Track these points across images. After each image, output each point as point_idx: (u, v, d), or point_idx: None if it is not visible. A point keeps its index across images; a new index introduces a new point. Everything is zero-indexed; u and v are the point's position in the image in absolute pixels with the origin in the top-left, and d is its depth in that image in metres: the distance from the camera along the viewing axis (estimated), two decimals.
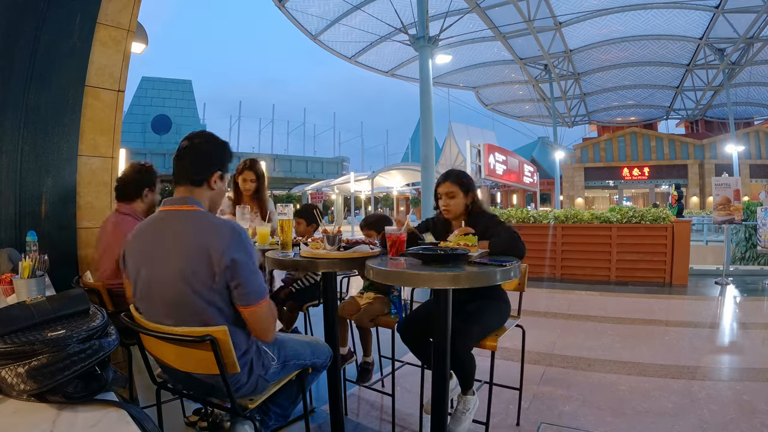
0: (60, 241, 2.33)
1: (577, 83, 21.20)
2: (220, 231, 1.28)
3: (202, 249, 1.25)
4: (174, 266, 1.27)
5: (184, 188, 1.39)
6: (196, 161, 1.40)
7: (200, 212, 1.35)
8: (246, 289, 1.29)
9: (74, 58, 2.36)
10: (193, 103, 43.44)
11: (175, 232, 1.31)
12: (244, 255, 1.28)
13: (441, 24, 9.87)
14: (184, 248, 1.27)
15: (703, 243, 9.88)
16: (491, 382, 1.98)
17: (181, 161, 1.40)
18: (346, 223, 25.58)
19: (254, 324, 1.34)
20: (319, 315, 2.08)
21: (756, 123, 25.43)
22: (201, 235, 1.28)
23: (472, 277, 1.44)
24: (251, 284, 1.30)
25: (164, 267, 1.28)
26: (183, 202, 1.35)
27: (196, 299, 1.26)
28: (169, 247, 1.30)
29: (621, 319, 4.15)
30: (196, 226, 1.30)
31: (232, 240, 1.27)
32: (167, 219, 1.35)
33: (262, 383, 1.41)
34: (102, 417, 0.82)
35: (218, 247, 1.25)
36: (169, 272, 1.27)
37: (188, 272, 1.25)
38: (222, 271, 1.25)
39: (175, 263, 1.27)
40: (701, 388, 2.55)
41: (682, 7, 14.30)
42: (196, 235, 1.28)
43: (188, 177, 1.39)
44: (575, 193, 26.58)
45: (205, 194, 1.41)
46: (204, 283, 1.25)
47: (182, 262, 1.26)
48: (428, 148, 8.44)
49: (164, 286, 1.28)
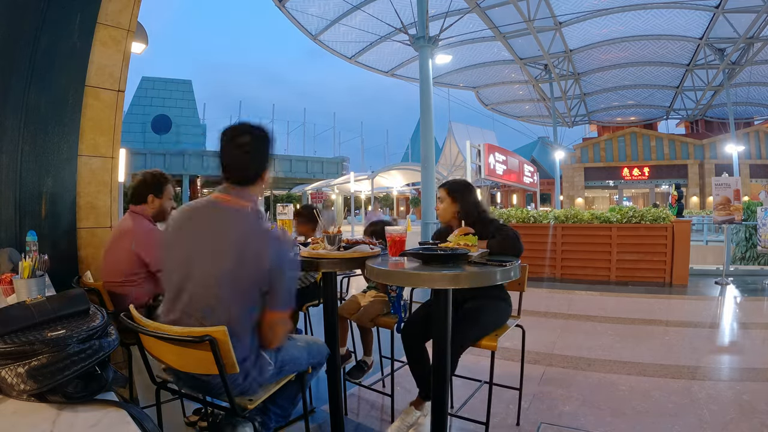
0: (60, 241, 2.33)
1: (577, 83, 21.19)
2: (263, 237, 1.31)
3: (241, 252, 1.27)
4: (208, 263, 1.28)
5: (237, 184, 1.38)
6: (252, 157, 1.38)
7: (254, 212, 1.34)
8: (281, 294, 1.33)
9: (74, 58, 2.36)
10: (193, 103, 43.39)
11: (214, 227, 1.31)
12: (286, 265, 1.33)
13: (441, 24, 9.86)
14: (222, 247, 1.28)
15: (703, 243, 9.88)
16: (491, 382, 1.98)
17: (234, 156, 1.37)
18: (346, 223, 25.57)
19: (270, 329, 1.36)
20: (319, 315, 2.08)
21: (756, 123, 25.40)
22: (242, 237, 1.29)
23: (472, 277, 1.44)
24: (286, 290, 1.34)
25: (200, 261, 1.29)
26: (240, 195, 1.35)
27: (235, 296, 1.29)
28: (207, 243, 1.30)
29: (621, 319, 4.15)
30: (239, 227, 1.31)
31: (275, 249, 1.31)
32: (220, 209, 1.34)
33: (256, 386, 1.41)
34: (102, 417, 0.82)
35: (260, 253, 1.28)
36: (214, 268, 1.28)
37: (221, 271, 1.27)
38: (260, 276, 1.29)
39: (209, 261, 1.28)
40: (701, 388, 2.55)
41: (682, 7, 14.29)
42: (237, 236, 1.29)
43: (245, 174, 1.37)
44: (575, 193, 26.57)
45: (258, 191, 1.41)
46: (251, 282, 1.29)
47: (216, 260, 1.28)
48: (428, 148, 8.44)
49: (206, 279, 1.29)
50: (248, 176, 1.37)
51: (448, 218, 2.15)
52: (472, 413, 2.12)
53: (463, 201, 2.11)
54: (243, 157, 1.37)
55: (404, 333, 2.06)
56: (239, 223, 1.32)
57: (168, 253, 1.38)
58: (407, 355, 2.03)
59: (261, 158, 1.40)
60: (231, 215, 1.33)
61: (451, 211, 2.13)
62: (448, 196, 2.14)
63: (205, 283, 1.29)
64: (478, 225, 2.02)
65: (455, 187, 2.16)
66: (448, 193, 2.14)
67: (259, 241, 1.29)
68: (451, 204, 2.13)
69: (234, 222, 1.32)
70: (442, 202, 2.16)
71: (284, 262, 1.33)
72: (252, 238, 1.29)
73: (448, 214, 2.14)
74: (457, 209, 2.11)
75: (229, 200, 1.35)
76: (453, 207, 2.12)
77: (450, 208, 2.13)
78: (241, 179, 1.37)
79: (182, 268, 1.32)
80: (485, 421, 1.93)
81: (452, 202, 2.13)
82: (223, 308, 1.29)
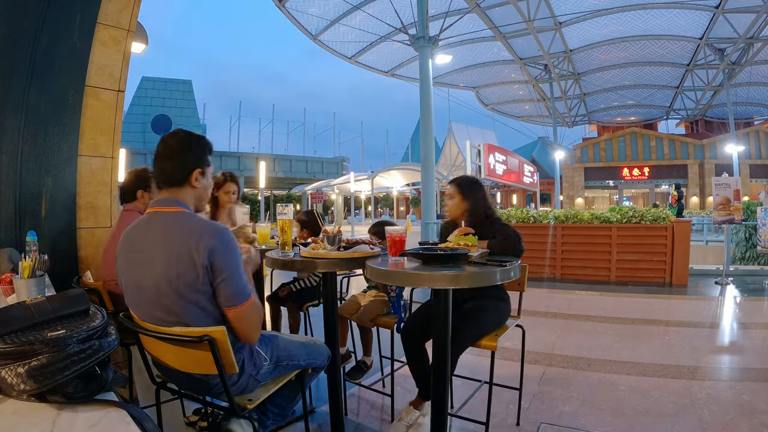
0: (60, 241, 2.33)
1: (577, 83, 21.19)
2: (201, 231, 1.27)
3: (185, 250, 1.24)
4: (158, 269, 1.26)
5: (167, 191, 1.37)
6: (173, 162, 1.37)
7: (184, 213, 1.34)
8: (228, 290, 1.28)
9: (74, 58, 2.36)
10: (193, 103, 43.41)
11: (158, 235, 1.30)
12: (226, 255, 1.27)
13: (441, 24, 9.85)
14: (168, 251, 1.26)
15: (703, 243, 9.87)
16: (491, 382, 1.98)
17: (159, 163, 1.38)
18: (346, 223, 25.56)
19: (238, 325, 1.32)
20: (319, 315, 2.08)
21: (756, 123, 25.41)
22: (184, 236, 1.27)
23: (472, 277, 1.44)
24: (234, 285, 1.28)
25: (150, 270, 1.27)
26: (168, 203, 1.35)
27: (182, 302, 1.25)
28: (153, 250, 1.28)
29: (621, 319, 4.15)
30: (179, 227, 1.29)
31: (213, 239, 1.26)
32: (152, 220, 1.34)
33: (253, 383, 1.41)
34: (102, 417, 0.82)
35: (200, 247, 1.24)
36: (154, 275, 1.26)
37: (172, 275, 1.24)
38: (204, 271, 1.24)
39: (159, 266, 1.26)
40: (701, 388, 2.55)
41: (682, 7, 14.29)
42: (179, 236, 1.27)
43: (168, 179, 1.37)
44: (575, 193, 26.57)
45: (189, 193, 1.39)
46: (189, 285, 1.25)
47: (166, 265, 1.25)
48: (428, 148, 8.44)
49: (150, 289, 1.27)
50: (174, 181, 1.37)
51: (458, 215, 2.15)
52: (472, 413, 2.12)
53: (472, 197, 2.12)
54: (173, 160, 1.37)
55: (404, 333, 2.06)
56: (176, 226, 1.30)
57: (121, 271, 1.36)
58: (407, 355, 2.03)
59: (186, 160, 1.38)
60: (169, 220, 1.32)
61: (460, 208, 2.14)
62: (458, 193, 2.14)
63: (155, 292, 1.27)
64: (484, 222, 2.03)
65: (465, 184, 2.16)
66: (458, 190, 2.15)
67: (189, 237, 1.26)
68: (461, 201, 2.14)
69: (170, 226, 1.30)
70: (451, 198, 2.16)
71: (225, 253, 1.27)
72: (188, 237, 1.26)
73: (458, 210, 2.14)
74: (466, 206, 2.12)
75: (166, 207, 1.34)
76: (463, 204, 2.13)
77: (460, 205, 2.14)
78: (172, 182, 1.37)
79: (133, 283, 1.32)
80: (485, 421, 1.93)
81: (462, 199, 2.13)
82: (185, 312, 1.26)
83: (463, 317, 1.91)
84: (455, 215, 2.16)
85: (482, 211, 2.10)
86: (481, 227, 1.96)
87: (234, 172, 2.92)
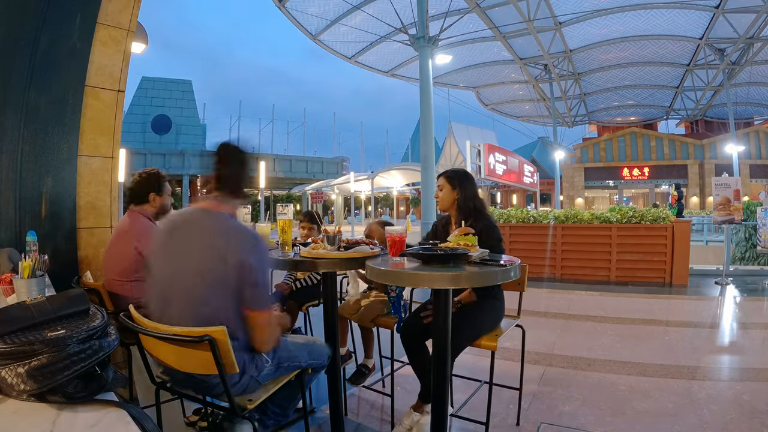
0: (60, 241, 2.33)
1: (577, 83, 21.19)
2: (238, 233, 1.35)
3: (219, 248, 1.31)
4: (191, 263, 1.32)
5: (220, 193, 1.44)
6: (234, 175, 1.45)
7: (224, 214, 1.40)
8: (252, 293, 1.34)
9: (74, 58, 2.36)
10: (193, 103, 43.35)
11: (195, 230, 1.38)
12: (256, 261, 1.34)
13: (441, 24, 9.85)
14: (202, 246, 1.33)
15: (703, 243, 9.89)
16: (491, 382, 1.98)
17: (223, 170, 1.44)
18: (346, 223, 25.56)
19: (253, 330, 1.38)
20: (319, 315, 2.08)
21: (756, 123, 25.40)
22: (219, 235, 1.34)
23: (472, 277, 1.44)
24: (258, 291, 1.35)
25: (183, 263, 1.34)
26: (212, 199, 1.42)
27: (211, 297, 1.30)
28: (189, 244, 1.36)
29: (621, 319, 4.15)
30: (216, 226, 1.37)
31: (248, 244, 1.34)
32: (194, 215, 1.42)
33: (254, 384, 1.41)
34: (102, 417, 0.82)
35: (234, 248, 1.31)
36: (187, 268, 1.33)
37: (204, 269, 1.30)
38: (235, 272, 1.30)
39: (192, 261, 1.33)
40: (701, 388, 2.55)
41: (682, 7, 14.29)
42: (215, 234, 1.34)
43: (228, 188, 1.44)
44: (575, 193, 26.56)
45: (240, 202, 1.48)
46: (218, 282, 1.30)
47: (198, 260, 1.32)
48: (428, 148, 8.43)
49: (181, 282, 1.33)
50: (238, 189, 1.47)
51: (448, 206, 2.19)
52: (472, 413, 2.12)
53: (462, 189, 2.15)
54: (238, 172, 1.47)
55: (404, 333, 2.06)
56: (217, 224, 1.38)
57: (155, 259, 1.43)
58: (408, 354, 2.04)
59: (247, 173, 1.49)
60: (212, 218, 1.40)
61: (450, 199, 2.17)
62: (447, 184, 2.18)
63: (187, 282, 1.32)
64: (472, 217, 2.04)
65: (454, 175, 2.20)
66: (447, 181, 2.18)
67: (225, 237, 1.34)
68: (450, 192, 2.17)
69: (212, 223, 1.38)
70: (441, 190, 2.20)
71: (257, 258, 1.35)
72: (226, 236, 1.34)
73: (448, 201, 2.18)
74: (456, 197, 2.15)
75: (214, 206, 1.42)
76: (452, 195, 2.16)
77: (449, 196, 2.17)
78: (232, 191, 1.45)
79: (167, 271, 1.38)
80: (485, 421, 1.93)
81: (452, 190, 2.16)
82: (211, 307, 1.31)
83: (459, 317, 1.91)
84: (445, 207, 2.20)
85: (471, 204, 2.13)
86: (476, 221, 2.00)
87: None
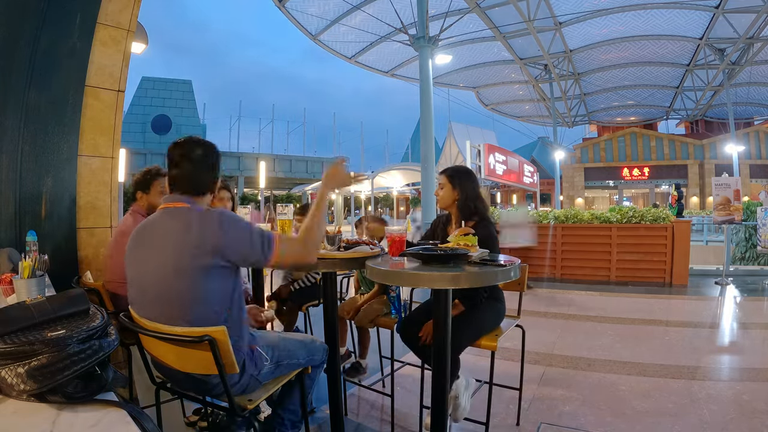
0: (60, 241, 2.33)
1: (577, 83, 21.18)
2: (200, 221, 1.31)
3: (190, 240, 1.28)
4: (163, 262, 1.29)
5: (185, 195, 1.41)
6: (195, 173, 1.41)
7: (182, 209, 1.37)
8: (255, 250, 1.33)
9: (74, 58, 2.36)
10: (193, 103, 43.38)
11: (163, 230, 1.34)
12: (230, 227, 1.31)
13: (441, 24, 9.86)
14: (173, 244, 1.30)
15: (703, 243, 9.89)
16: (491, 382, 1.98)
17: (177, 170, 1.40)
18: (346, 223, 25.56)
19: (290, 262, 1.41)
20: (319, 315, 2.08)
21: (756, 123, 25.38)
22: (188, 228, 1.30)
23: (472, 277, 1.44)
24: (252, 244, 1.33)
25: (155, 264, 1.31)
26: (178, 200, 1.39)
27: (186, 295, 1.28)
28: (159, 245, 1.32)
29: (621, 319, 4.15)
30: (183, 220, 1.33)
31: (213, 225, 1.30)
32: (161, 217, 1.38)
33: (254, 383, 1.41)
34: (102, 417, 0.82)
35: (203, 236, 1.28)
36: (160, 268, 1.30)
37: (179, 266, 1.27)
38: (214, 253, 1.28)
39: (164, 259, 1.29)
40: (701, 388, 2.55)
41: (682, 7, 14.28)
42: (183, 229, 1.31)
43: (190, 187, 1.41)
44: (575, 193, 26.56)
45: (206, 199, 1.45)
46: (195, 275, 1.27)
47: (172, 257, 1.28)
48: (428, 148, 8.44)
49: (155, 283, 1.30)
50: (196, 187, 1.41)
51: (448, 204, 2.17)
52: (472, 413, 2.11)
53: (462, 189, 2.12)
54: (190, 171, 1.41)
55: (403, 333, 2.06)
56: (185, 217, 1.34)
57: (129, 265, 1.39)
58: (411, 348, 2.05)
59: (200, 170, 1.42)
60: (179, 213, 1.36)
61: (450, 198, 2.15)
62: (448, 182, 2.15)
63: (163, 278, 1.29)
64: (473, 220, 2.04)
65: (456, 174, 2.17)
66: (448, 180, 2.16)
67: (197, 226, 1.30)
68: (451, 191, 2.14)
69: (180, 217, 1.34)
70: (442, 188, 2.18)
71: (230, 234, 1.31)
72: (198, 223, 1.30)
73: (448, 199, 2.15)
74: (457, 195, 2.13)
75: (174, 204, 1.38)
76: (453, 195, 2.14)
77: (450, 194, 2.14)
78: (185, 191, 1.40)
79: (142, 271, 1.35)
80: (485, 421, 1.93)
81: (452, 189, 2.14)
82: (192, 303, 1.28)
83: (459, 317, 1.91)
84: (445, 205, 2.18)
85: (472, 203, 2.11)
86: (469, 218, 2.00)
87: (234, 172, 2.88)
